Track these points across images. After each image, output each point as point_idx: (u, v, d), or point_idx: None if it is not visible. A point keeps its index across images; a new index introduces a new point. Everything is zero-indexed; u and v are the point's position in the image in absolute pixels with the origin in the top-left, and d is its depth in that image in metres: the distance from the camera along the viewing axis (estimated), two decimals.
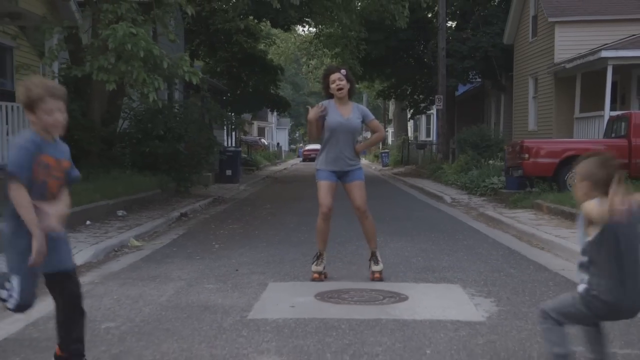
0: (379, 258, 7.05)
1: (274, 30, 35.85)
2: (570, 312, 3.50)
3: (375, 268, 6.98)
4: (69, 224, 9.97)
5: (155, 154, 16.87)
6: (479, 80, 31.81)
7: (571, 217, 11.55)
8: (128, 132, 17.58)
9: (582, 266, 3.47)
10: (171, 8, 11.15)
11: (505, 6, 27.97)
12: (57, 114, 3.67)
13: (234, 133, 35.28)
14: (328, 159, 6.99)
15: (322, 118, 6.92)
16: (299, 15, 23.72)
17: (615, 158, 3.49)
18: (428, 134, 49.54)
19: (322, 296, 6.09)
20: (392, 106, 56.76)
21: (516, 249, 9.10)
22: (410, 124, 55.64)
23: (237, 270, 7.51)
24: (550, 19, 22.28)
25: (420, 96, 34.88)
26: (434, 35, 28.57)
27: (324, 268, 6.99)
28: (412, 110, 37.33)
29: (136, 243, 9.74)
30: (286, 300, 5.96)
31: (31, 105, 3.66)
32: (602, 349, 3.64)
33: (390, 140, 62.24)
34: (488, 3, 30.41)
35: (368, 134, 57.77)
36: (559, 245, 9.11)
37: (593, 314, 3.45)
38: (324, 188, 6.97)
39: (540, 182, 15.32)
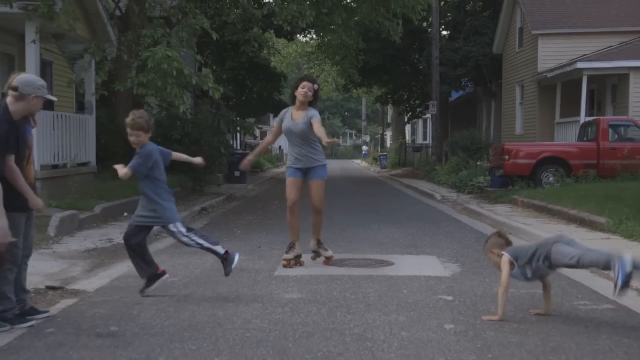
0: (324, 245, 8.09)
1: (276, 39, 37.66)
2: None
3: (327, 254, 8.00)
4: (112, 214, 11.96)
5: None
6: (472, 86, 33.67)
7: (540, 209, 13.46)
8: (151, 137, 19.43)
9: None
10: (196, 32, 13.04)
11: (494, 18, 29.86)
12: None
13: (239, 137, 37.14)
14: (291, 158, 7.89)
15: (280, 121, 7.85)
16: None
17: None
18: (425, 137, 51.38)
19: (328, 262, 7.97)
20: (390, 110, 58.64)
21: (487, 234, 10.96)
22: (407, 128, 57.54)
23: (259, 247, 9.39)
24: (534, 32, 24.19)
25: (416, 101, 36.75)
26: (429, 45, 30.41)
27: (295, 256, 7.77)
28: (408, 115, 39.20)
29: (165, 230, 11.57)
30: (304, 271, 7.83)
31: (147, 129, 5.77)
32: None
33: (388, 143, 64.23)
34: (479, 15, 32.31)
35: (368, 138, 59.25)
36: (524, 230, 11.00)
37: None
38: (289, 184, 7.86)
39: (519, 181, 17.20)
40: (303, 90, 7.65)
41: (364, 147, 76.27)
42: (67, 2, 10.85)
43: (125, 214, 12.94)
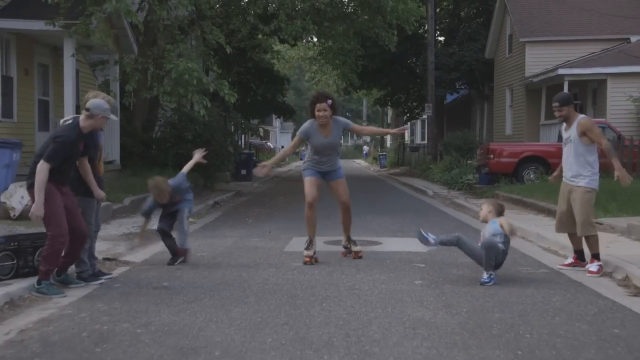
0: (355, 242, 8.47)
1: (280, 44, 39.29)
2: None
3: (356, 248, 8.37)
4: (138, 206, 13.64)
5: (187, 156, 20.40)
6: (466, 89, 35.32)
7: (516, 202, 15.12)
8: (164, 137, 21.13)
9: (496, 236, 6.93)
10: (212, 46, 14.71)
11: (487, 25, 31.50)
12: None
13: (244, 137, 38.79)
14: (312, 163, 8.17)
15: (304, 136, 8.12)
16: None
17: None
18: (423, 138, 53.00)
19: (327, 242, 9.64)
20: (390, 111, 60.30)
21: (466, 222, 12.67)
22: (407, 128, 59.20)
23: (269, 232, 11.07)
24: (521, 39, 25.87)
25: (414, 103, 38.40)
26: (425, 50, 32.03)
27: (314, 252, 8.02)
28: (406, 116, 40.87)
29: (190, 219, 13.26)
30: (302, 246, 9.49)
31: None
32: None
33: (388, 143, 65.91)
34: (472, 21, 33.97)
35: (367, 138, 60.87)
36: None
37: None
38: (310, 182, 8.04)
39: (504, 178, 18.86)
40: (320, 114, 7.90)
41: (365, 147, 77.88)
42: (100, 20, 12.50)
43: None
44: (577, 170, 7.45)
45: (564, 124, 7.72)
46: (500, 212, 7.26)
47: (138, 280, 7.10)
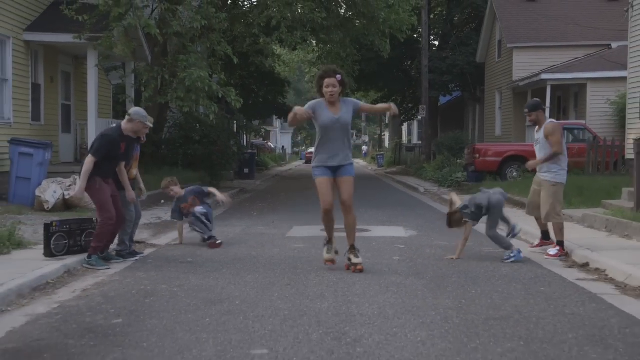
0: (358, 250, 7.57)
1: (280, 49, 40.75)
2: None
3: (356, 260, 7.45)
4: (153, 201, 15.35)
5: (195, 155, 21.94)
6: (459, 92, 36.83)
7: None
8: (172, 138, 22.64)
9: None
10: (221, 55, 16.24)
11: (478, 30, 33.02)
12: None
13: (245, 137, 40.28)
14: (324, 156, 7.35)
15: (311, 109, 7.34)
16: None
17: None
18: (419, 138, 54.55)
19: (323, 230, 11.12)
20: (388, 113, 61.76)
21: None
22: (404, 129, 60.75)
23: (273, 222, 12.59)
24: (509, 45, 27.39)
25: (409, 105, 39.93)
26: (419, 54, 33.55)
27: (335, 253, 7.71)
28: (402, 117, 42.37)
29: (199, 214, 14.75)
30: (305, 231, 11.02)
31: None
32: None
33: (387, 143, 67.48)
34: (464, 27, 35.49)
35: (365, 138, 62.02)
36: None
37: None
38: (323, 185, 7.37)
39: (489, 175, 20.36)
40: (328, 90, 7.22)
41: (364, 147, 79.48)
42: (121, 33, 14.00)
43: (162, 201, 16.12)
44: (547, 166, 8.86)
45: (537, 126, 9.13)
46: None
47: (166, 257, 8.62)
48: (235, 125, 29.94)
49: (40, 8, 15.70)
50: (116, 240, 8.55)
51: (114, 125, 8.47)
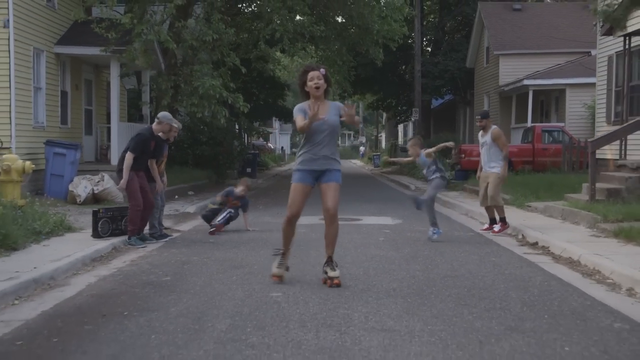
0: (336, 264, 6.91)
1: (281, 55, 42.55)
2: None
3: (333, 274, 6.77)
4: (167, 196, 17.06)
5: (202, 155, 23.74)
6: (451, 95, 38.66)
7: (476, 192, 18.35)
8: (180, 139, 24.40)
9: (430, 169, 10.22)
10: (230, 66, 18.07)
11: (468, 37, 34.83)
12: None
13: (246, 137, 42.08)
14: (307, 158, 6.76)
15: (303, 113, 6.73)
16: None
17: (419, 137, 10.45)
18: None
19: (323, 219, 12.91)
20: (385, 114, 63.64)
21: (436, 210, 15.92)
22: (400, 130, 62.57)
23: (278, 213, 14.36)
24: (495, 52, 29.22)
25: (403, 107, 41.75)
26: (413, 59, 35.37)
27: (285, 269, 7.01)
28: (397, 119, 44.21)
29: (212, 205, 16.53)
30: (305, 220, 12.72)
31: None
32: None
33: (384, 144, 69.31)
34: (455, 34, 37.31)
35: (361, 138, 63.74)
36: (457, 205, 15.97)
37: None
38: (297, 192, 6.82)
39: (473, 174, 22.11)
40: (313, 83, 6.67)
41: (361, 148, 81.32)
42: (141, 46, 15.79)
43: (176, 196, 17.92)
44: (492, 162, 10.75)
45: (481, 131, 11.00)
46: (422, 146, 10.47)
47: (191, 239, 10.42)
48: (237, 127, 31.77)
49: (67, 23, 17.48)
50: (148, 225, 10.35)
51: (146, 126, 10.27)
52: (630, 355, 4.55)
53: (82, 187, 14.58)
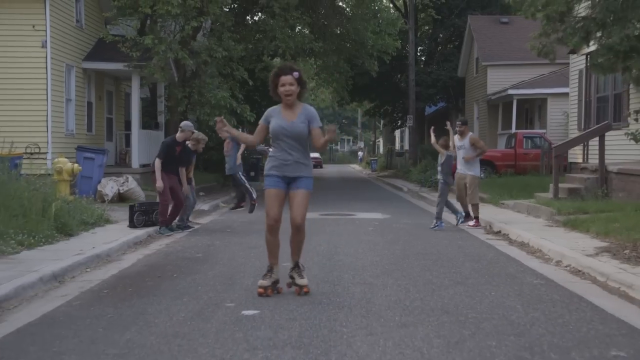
0: (303, 268, 6.73)
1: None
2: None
3: (301, 282, 6.60)
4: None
5: (210, 160, 25.70)
6: (444, 103, 40.67)
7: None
8: None
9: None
10: (239, 79, 20.10)
11: (459, 48, 36.85)
12: None
13: None
14: (277, 164, 6.49)
15: (266, 122, 6.52)
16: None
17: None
18: (409, 144, 58.33)
19: (322, 215, 14.89)
20: (383, 120, 65.70)
21: (419, 206, 17.95)
22: (397, 135, 64.58)
23: None
24: (483, 63, 31.22)
25: (399, 114, 43.77)
26: (408, 68, 37.37)
27: (272, 282, 6.58)
28: (393, 125, 46.22)
29: (223, 205, 18.53)
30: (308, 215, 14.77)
31: None
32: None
33: (381, 149, 71.34)
34: (447, 45, 39.35)
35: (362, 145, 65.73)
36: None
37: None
38: (271, 197, 6.55)
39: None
40: (284, 89, 6.35)
41: (360, 153, 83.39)
42: (160, 62, 17.78)
43: (202, 193, 19.86)
44: (468, 165, 12.69)
45: (458, 135, 12.92)
46: (445, 146, 12.47)
47: (211, 229, 12.38)
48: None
49: (92, 41, 19.48)
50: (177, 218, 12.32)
51: (171, 135, 12.26)
52: (534, 296, 6.49)
53: (109, 187, 16.51)
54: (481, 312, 5.83)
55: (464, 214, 12.64)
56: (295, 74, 6.40)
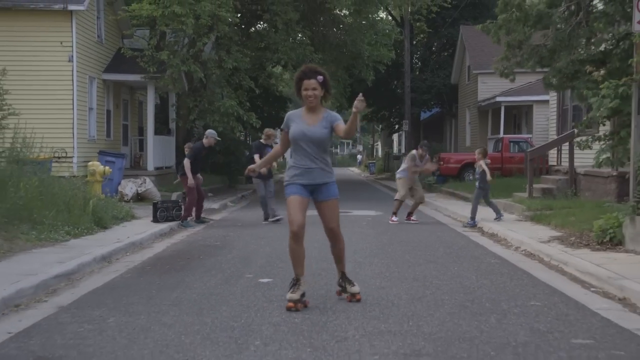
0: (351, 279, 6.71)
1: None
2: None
3: (353, 289, 6.60)
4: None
5: (217, 163, 27.45)
6: (438, 108, 42.43)
7: (449, 194, 22.10)
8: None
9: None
10: (246, 88, 21.89)
11: (452, 56, 38.61)
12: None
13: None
14: (295, 171, 6.36)
15: (286, 127, 6.40)
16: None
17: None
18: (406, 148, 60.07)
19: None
20: (380, 125, 67.43)
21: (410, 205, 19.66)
22: (395, 139, 66.36)
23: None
24: (474, 71, 32.97)
25: (396, 119, 45.51)
26: (403, 75, 39.10)
27: (301, 296, 6.26)
28: (390, 130, 47.97)
29: (231, 204, 20.26)
30: (309, 213, 16.50)
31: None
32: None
33: (379, 153, 73.11)
34: (441, 53, 41.13)
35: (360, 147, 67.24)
36: (431, 203, 19.67)
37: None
38: (294, 203, 6.39)
39: (451, 178, 25.86)
40: (307, 93, 6.23)
41: (359, 156, 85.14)
42: (174, 74, 19.54)
43: (210, 194, 21.58)
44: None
45: (420, 154, 14.60)
46: (483, 155, 14.09)
47: (224, 224, 14.12)
48: (246, 138, 35.51)
49: (110, 54, 21.25)
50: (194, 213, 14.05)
51: (199, 141, 14.05)
52: (488, 271, 8.23)
53: (129, 187, 18.25)
54: (443, 280, 7.57)
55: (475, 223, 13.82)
56: (320, 77, 6.23)
